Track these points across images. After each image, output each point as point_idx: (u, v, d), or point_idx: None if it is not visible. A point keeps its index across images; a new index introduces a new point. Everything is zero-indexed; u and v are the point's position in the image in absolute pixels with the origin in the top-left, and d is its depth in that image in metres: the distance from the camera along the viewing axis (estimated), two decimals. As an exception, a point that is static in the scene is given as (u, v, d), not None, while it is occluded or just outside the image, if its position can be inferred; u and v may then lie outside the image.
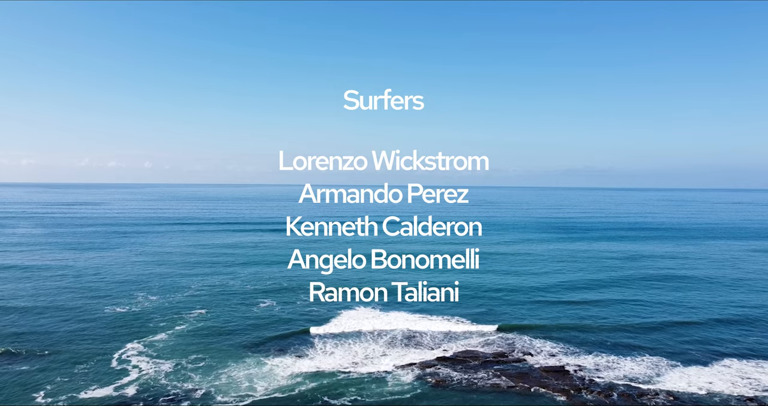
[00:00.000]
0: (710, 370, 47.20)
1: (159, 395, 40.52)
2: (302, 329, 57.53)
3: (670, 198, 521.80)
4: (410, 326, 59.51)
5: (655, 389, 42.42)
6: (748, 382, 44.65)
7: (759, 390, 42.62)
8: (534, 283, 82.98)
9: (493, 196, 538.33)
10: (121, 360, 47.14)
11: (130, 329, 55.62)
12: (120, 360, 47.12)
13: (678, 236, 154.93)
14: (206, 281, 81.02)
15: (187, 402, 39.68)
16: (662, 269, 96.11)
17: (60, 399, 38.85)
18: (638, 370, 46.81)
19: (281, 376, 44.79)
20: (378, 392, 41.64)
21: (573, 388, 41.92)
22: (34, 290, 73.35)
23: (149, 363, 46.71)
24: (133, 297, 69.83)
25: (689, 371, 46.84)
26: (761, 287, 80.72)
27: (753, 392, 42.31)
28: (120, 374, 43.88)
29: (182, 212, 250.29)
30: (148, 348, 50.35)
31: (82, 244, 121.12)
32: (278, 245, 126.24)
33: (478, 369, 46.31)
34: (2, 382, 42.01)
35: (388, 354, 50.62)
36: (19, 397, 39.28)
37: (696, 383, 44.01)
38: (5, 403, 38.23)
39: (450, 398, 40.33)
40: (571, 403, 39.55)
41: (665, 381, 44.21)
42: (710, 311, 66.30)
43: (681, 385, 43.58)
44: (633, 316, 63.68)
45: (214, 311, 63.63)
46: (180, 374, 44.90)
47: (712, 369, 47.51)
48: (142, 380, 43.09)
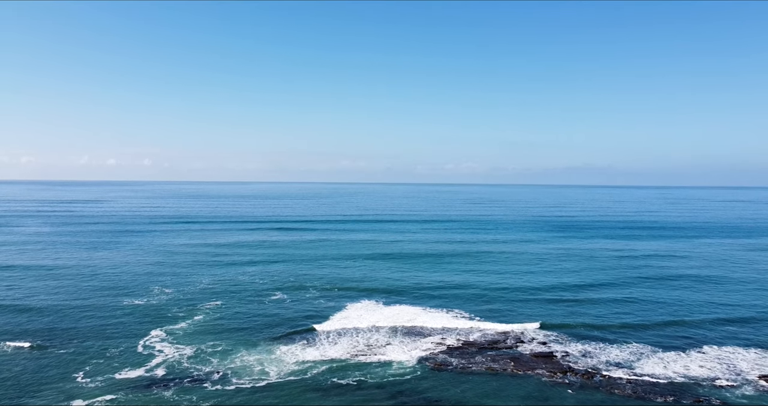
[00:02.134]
0: (688, 356, 51.31)
1: (184, 377, 44.67)
2: (310, 320, 61.63)
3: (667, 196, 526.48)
4: (411, 318, 63.59)
5: (634, 372, 46.59)
6: (724, 367, 48.77)
7: (731, 373, 46.76)
8: (529, 280, 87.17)
9: (493, 195, 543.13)
10: (147, 346, 51.34)
11: (151, 319, 59.82)
12: (145, 346, 51.31)
13: (672, 234, 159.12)
14: (217, 276, 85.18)
15: (208, 383, 43.76)
16: (655, 267, 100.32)
17: (98, 379, 43.05)
18: (621, 356, 50.96)
19: (291, 361, 48.87)
20: (382, 374, 45.76)
21: (559, 371, 46.11)
22: (56, 287, 77.52)
23: (172, 349, 50.89)
24: (149, 291, 74.00)
25: (668, 357, 50.96)
26: (751, 284, 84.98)
27: (725, 375, 46.45)
28: (147, 358, 48.07)
29: (186, 210, 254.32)
30: (170, 335, 54.57)
31: (93, 242, 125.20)
32: (284, 242, 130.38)
33: (474, 355, 50.50)
34: (45, 365, 46.24)
35: (391, 343, 54.73)
36: (62, 377, 43.48)
37: (672, 368, 48.15)
38: (51, 382, 42.40)
39: (448, 380, 44.49)
40: (555, 384, 43.73)
41: (644, 366, 48.34)
42: (697, 306, 70.54)
43: (659, 369, 47.71)
44: (622, 310, 67.89)
45: (229, 303, 67.85)
46: (200, 358, 49.03)
47: (690, 356, 51.60)
48: (168, 363, 47.28)
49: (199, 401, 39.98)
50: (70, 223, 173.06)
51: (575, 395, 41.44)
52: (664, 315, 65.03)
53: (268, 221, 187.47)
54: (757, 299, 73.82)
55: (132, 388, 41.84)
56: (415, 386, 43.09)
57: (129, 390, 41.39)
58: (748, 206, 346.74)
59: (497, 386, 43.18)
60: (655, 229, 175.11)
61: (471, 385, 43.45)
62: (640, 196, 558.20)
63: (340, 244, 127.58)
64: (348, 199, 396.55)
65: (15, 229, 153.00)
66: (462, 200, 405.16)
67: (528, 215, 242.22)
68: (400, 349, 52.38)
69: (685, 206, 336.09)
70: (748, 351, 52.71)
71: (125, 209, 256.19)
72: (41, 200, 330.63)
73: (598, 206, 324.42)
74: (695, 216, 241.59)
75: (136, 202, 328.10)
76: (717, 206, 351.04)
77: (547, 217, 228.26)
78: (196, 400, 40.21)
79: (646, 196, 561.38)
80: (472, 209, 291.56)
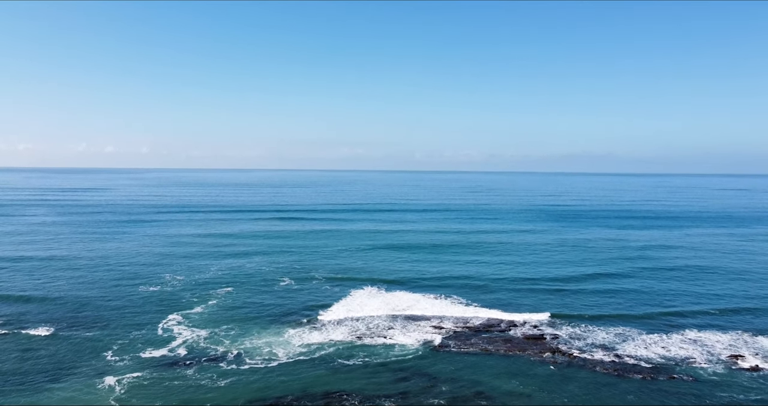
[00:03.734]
0: (669, 339, 55.24)
1: (202, 356, 48.56)
2: (316, 306, 65.47)
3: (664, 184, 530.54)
4: (412, 304, 67.48)
5: (617, 353, 50.55)
6: (700, 348, 52.72)
7: (706, 354, 50.73)
8: (524, 270, 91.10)
9: (491, 183, 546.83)
10: (166, 329, 55.21)
11: (167, 305, 63.68)
12: (165, 329, 55.18)
13: (667, 225, 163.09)
14: (224, 265, 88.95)
15: (224, 363, 47.63)
16: (649, 258, 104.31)
17: (126, 358, 46.96)
18: (607, 339, 54.91)
19: (299, 344, 52.72)
20: (385, 355, 49.68)
21: (548, 351, 50.09)
22: (73, 276, 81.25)
23: (189, 331, 54.77)
24: (162, 278, 77.77)
25: (650, 339, 54.90)
26: (740, 273, 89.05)
27: (700, 355, 50.43)
28: (168, 340, 51.94)
29: (188, 198, 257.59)
30: (186, 319, 58.45)
31: (101, 232, 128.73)
32: (287, 232, 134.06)
33: (470, 337, 54.46)
34: (76, 344, 50.15)
35: (393, 327, 58.63)
36: (93, 356, 47.38)
37: (653, 349, 52.11)
38: (84, 361, 46.28)
39: (446, 359, 48.42)
40: (543, 362, 47.70)
41: (627, 348, 52.29)
42: (684, 296, 74.55)
43: (640, 351, 51.66)
44: (612, 299, 71.87)
45: (239, 289, 71.70)
46: (215, 339, 52.91)
47: (670, 339, 55.54)
48: (187, 343, 51.17)
49: (218, 379, 43.84)
50: (76, 212, 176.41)
51: (561, 373, 45.41)
52: (652, 304, 68.85)
53: (270, 210, 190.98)
54: (741, 289, 77.80)
55: (157, 366, 45.73)
56: (416, 365, 47.03)
57: (154, 368, 45.28)
58: (747, 195, 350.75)
59: (490, 364, 47.13)
60: (650, 219, 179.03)
61: (467, 364, 47.38)
62: (638, 184, 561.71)
63: (342, 233, 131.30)
64: (347, 188, 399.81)
65: (22, 219, 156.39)
66: (461, 189, 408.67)
67: (526, 204, 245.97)
68: (402, 332, 56.27)
69: (683, 195, 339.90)
70: (725, 334, 56.70)
71: (128, 197, 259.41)
72: (43, 189, 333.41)
73: (595, 195, 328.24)
74: (692, 205, 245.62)
75: (137, 190, 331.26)
76: (715, 194, 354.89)
77: (544, 206, 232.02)
78: (215, 378, 44.08)
79: (644, 184, 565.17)
80: (470, 197, 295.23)
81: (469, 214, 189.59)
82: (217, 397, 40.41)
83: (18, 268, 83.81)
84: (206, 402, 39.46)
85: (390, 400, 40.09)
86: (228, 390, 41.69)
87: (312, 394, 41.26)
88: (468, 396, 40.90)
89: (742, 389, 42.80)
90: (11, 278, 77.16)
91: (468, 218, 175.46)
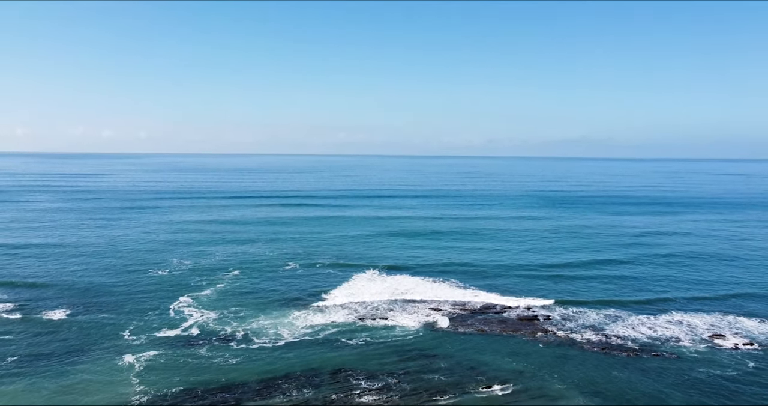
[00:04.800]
0: (656, 320, 58.05)
1: (213, 335, 51.33)
2: (319, 289, 68.17)
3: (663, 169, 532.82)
4: (411, 288, 70.19)
5: (605, 333, 53.38)
6: (685, 328, 55.57)
7: (690, 333, 53.59)
8: (520, 255, 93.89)
9: (490, 169, 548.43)
10: (177, 311, 57.97)
11: (177, 288, 66.37)
12: (176, 311, 57.93)
13: (664, 211, 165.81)
14: (229, 250, 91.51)
15: (234, 342, 50.38)
16: (644, 245, 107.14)
17: (142, 337, 49.75)
18: (597, 320, 57.71)
19: (303, 325, 55.43)
20: (386, 335, 52.47)
21: (540, 331, 52.97)
22: (84, 262, 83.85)
23: (199, 313, 57.53)
24: (170, 263, 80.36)
25: (638, 321, 57.65)
26: (731, 259, 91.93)
27: (684, 335, 53.30)
28: (180, 321, 54.69)
29: (189, 184, 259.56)
30: (196, 301, 61.20)
31: (105, 218, 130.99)
32: (289, 218, 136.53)
33: (467, 318, 57.28)
34: (93, 326, 52.88)
35: (394, 309, 61.39)
36: (111, 336, 50.14)
37: (640, 330, 54.93)
38: (103, 340, 49.09)
39: (444, 339, 51.23)
40: (535, 341, 50.56)
41: (615, 328, 55.10)
42: (674, 281, 77.42)
43: (628, 331, 54.50)
44: (603, 283, 74.71)
45: (245, 274, 74.38)
46: (223, 321, 55.65)
47: (657, 320, 58.39)
48: (198, 324, 53.94)
49: (229, 358, 46.61)
50: (80, 198, 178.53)
51: (551, 350, 48.28)
52: (643, 289, 71.55)
53: (271, 196, 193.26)
54: (729, 274, 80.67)
55: (171, 345, 48.49)
56: (416, 345, 49.84)
57: (169, 347, 48.05)
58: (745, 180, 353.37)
59: (485, 343, 49.98)
60: (645, 204, 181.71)
61: (463, 343, 50.21)
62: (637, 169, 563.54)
63: (343, 219, 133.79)
64: (347, 173, 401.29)
65: (27, 205, 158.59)
66: (460, 174, 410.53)
67: (523, 189, 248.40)
68: (402, 314, 59.05)
69: (681, 180, 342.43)
70: (710, 316, 59.55)
71: (129, 183, 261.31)
72: (44, 174, 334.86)
73: (593, 181, 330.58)
74: (688, 190, 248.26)
75: (138, 176, 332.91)
76: (712, 180, 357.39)
77: (542, 192, 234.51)
78: (227, 356, 46.85)
79: (642, 169, 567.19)
80: (469, 183, 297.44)
81: (468, 200, 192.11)
82: (229, 373, 43.19)
83: (29, 254, 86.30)
84: (220, 378, 42.25)
85: (392, 377, 42.93)
86: (239, 367, 44.48)
87: (318, 371, 44.05)
88: (465, 373, 43.74)
89: (720, 365, 45.71)
90: (24, 264, 79.67)
91: (466, 204, 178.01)
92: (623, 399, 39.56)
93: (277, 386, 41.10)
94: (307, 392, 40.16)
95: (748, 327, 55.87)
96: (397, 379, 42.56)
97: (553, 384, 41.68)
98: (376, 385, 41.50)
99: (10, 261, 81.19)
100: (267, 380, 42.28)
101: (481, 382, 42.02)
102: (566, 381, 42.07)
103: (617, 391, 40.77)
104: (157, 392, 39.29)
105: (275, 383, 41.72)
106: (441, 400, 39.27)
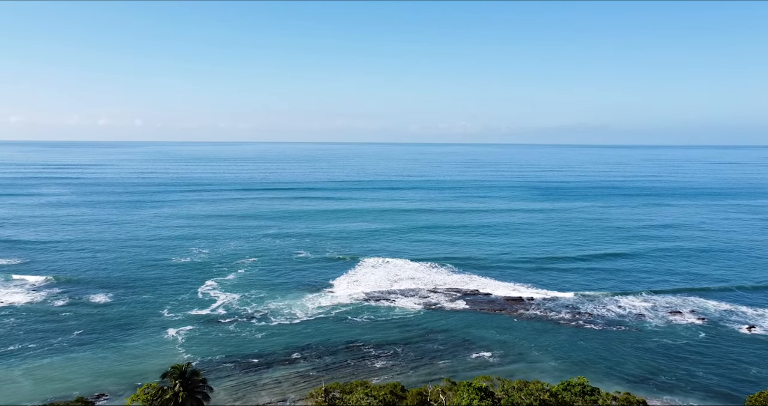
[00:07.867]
0: (625, 300, 66.08)
1: (236, 315, 59.13)
2: (328, 274, 75.92)
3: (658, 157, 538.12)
4: (412, 273, 78.05)
5: (579, 311, 61.45)
6: (650, 306, 63.48)
7: (653, 311, 61.68)
8: (511, 247, 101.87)
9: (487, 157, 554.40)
10: (205, 293, 65.75)
11: (201, 273, 74.10)
12: (204, 293, 65.72)
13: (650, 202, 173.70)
14: (242, 239, 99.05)
15: (255, 319, 58.16)
16: (628, 237, 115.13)
17: (178, 315, 57.57)
18: (573, 300, 65.75)
19: (315, 306, 63.14)
20: (389, 313, 60.37)
21: (524, 309, 61.05)
22: (111, 253, 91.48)
23: (224, 295, 65.34)
24: (190, 252, 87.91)
25: (610, 301, 65.57)
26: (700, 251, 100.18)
27: (648, 312, 61.37)
28: (208, 302, 62.48)
29: (191, 175, 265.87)
30: (220, 285, 69.02)
31: (120, 211, 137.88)
32: (294, 209, 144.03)
33: (460, 298, 65.25)
34: (136, 306, 60.72)
35: (395, 291, 69.29)
36: (152, 314, 57.99)
37: (610, 308, 62.81)
38: (146, 317, 56.88)
39: (439, 316, 59.19)
40: (519, 318, 58.60)
41: (588, 307, 63.14)
42: (649, 270, 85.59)
43: (599, 309, 62.44)
44: (585, 272, 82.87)
45: (261, 260, 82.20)
46: (245, 302, 63.44)
47: (627, 299, 66.47)
48: (223, 305, 61.81)
49: (254, 332, 54.44)
50: (89, 192, 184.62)
51: (531, 325, 56.33)
52: (619, 276, 79.72)
53: (273, 189, 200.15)
54: (702, 262, 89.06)
55: (204, 322, 56.32)
56: (415, 321, 57.81)
57: (203, 324, 55.86)
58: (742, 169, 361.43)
59: (475, 319, 58.03)
60: (633, 196, 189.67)
61: (456, 319, 58.20)
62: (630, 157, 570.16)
63: (347, 212, 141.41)
64: (345, 163, 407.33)
65: (36, 199, 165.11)
66: (457, 163, 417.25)
67: (518, 179, 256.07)
68: (402, 296, 66.96)
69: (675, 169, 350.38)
70: (675, 297, 67.58)
71: (133, 174, 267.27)
72: (45, 164, 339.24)
73: (587, 169, 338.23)
74: (679, 180, 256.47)
75: (139, 166, 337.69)
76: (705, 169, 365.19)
77: (536, 181, 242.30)
78: (252, 331, 54.67)
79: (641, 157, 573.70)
80: (466, 172, 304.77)
81: (464, 191, 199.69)
82: (258, 345, 51.03)
83: (63, 248, 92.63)
84: (252, 349, 50.08)
85: (396, 346, 50.88)
86: (265, 340, 52.32)
87: (333, 342, 51.94)
88: (458, 343, 51.77)
89: (675, 335, 53.86)
90: (60, 258, 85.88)
91: (462, 195, 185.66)
92: (588, 361, 47.65)
93: (300, 354, 49.01)
94: (327, 359, 48.10)
95: (706, 307, 63.95)
96: (402, 348, 50.55)
97: (531, 351, 49.77)
98: (385, 352, 49.50)
99: (46, 256, 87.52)
100: (291, 349, 50.15)
101: (471, 349, 50.07)
102: (542, 349, 50.17)
103: (583, 355, 48.88)
104: (202, 359, 47.13)
105: (298, 351, 49.62)
106: (440, 363, 47.30)
